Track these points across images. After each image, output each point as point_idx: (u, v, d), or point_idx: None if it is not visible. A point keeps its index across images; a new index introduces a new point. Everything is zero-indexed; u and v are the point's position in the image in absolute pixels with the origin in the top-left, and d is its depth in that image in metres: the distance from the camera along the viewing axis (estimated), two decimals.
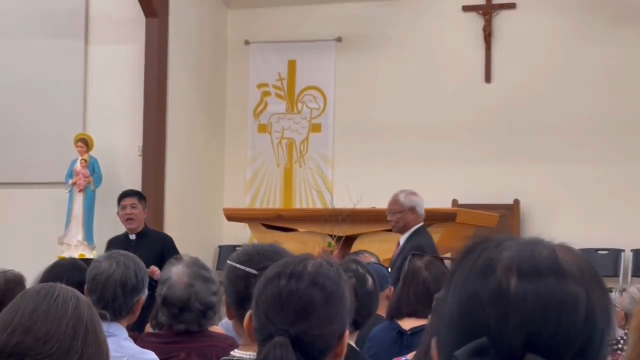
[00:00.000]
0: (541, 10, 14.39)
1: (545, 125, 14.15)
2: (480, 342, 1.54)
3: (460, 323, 1.60)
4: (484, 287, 1.59)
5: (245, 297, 3.47)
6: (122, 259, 5.02)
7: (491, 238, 1.68)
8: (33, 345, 2.67)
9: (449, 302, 1.65)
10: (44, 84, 14.99)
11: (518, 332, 1.55)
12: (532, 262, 1.59)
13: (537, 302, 1.56)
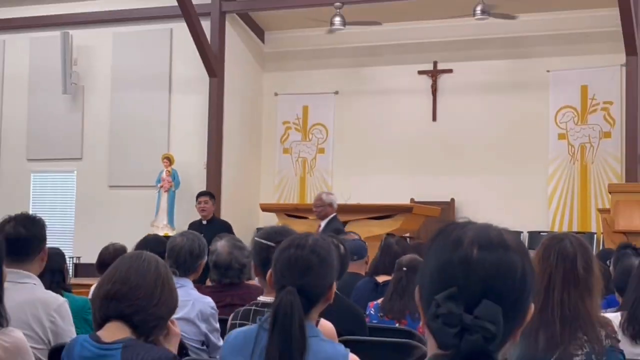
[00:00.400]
0: (468, 74, 14.35)
1: (471, 148, 14.10)
2: (452, 290, 1.55)
3: (438, 279, 1.59)
4: (455, 255, 1.59)
5: (266, 261, 3.45)
6: (191, 236, 4.96)
7: (456, 222, 1.69)
8: (128, 292, 2.79)
9: (429, 264, 1.64)
10: (146, 121, 15.03)
11: (478, 286, 1.55)
12: (487, 238, 1.60)
13: (491, 266, 1.57)
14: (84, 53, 15.57)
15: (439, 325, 1.53)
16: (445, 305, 1.53)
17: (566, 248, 3.32)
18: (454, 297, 1.54)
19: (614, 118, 13.36)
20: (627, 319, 4.00)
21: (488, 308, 1.53)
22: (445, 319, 1.53)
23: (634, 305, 3.99)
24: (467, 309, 1.53)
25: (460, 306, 1.53)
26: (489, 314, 1.52)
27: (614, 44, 12.86)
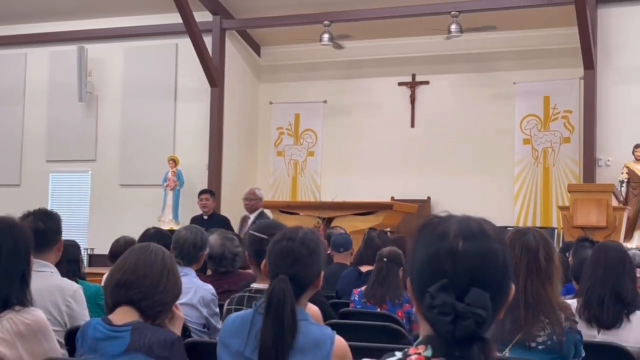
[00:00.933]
0: (443, 86, 14.37)
1: (445, 152, 14.14)
2: (443, 282, 1.53)
3: (429, 271, 1.57)
4: (442, 246, 1.57)
5: (259, 252, 3.45)
6: (194, 229, 4.94)
7: (439, 216, 1.66)
8: (136, 280, 2.80)
9: (418, 256, 1.61)
10: (153, 125, 15.02)
11: (465, 275, 1.54)
12: (470, 230, 1.58)
13: (476, 256, 1.56)
14: (98, 65, 15.57)
15: (435, 315, 1.52)
16: (438, 296, 1.52)
17: (529, 241, 3.33)
18: (446, 288, 1.53)
19: (573, 125, 13.40)
20: (582, 304, 4.02)
21: (477, 295, 1.52)
22: (440, 309, 1.51)
23: (587, 292, 4.02)
24: (458, 297, 1.52)
25: (451, 296, 1.52)
26: (479, 300, 1.51)
27: (573, 59, 12.90)
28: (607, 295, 3.95)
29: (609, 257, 4.04)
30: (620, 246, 4.35)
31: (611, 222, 9.99)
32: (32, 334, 2.96)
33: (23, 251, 3.05)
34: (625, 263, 4.06)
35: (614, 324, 3.95)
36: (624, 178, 12.16)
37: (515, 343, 3.24)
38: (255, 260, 3.54)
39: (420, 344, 1.58)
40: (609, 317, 3.94)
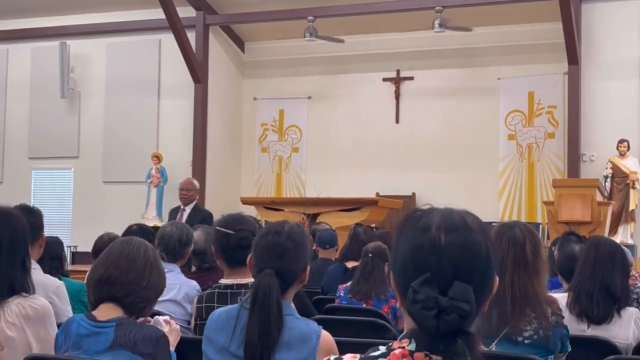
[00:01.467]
0: (428, 81, 14.40)
1: (430, 147, 14.13)
2: (426, 276, 1.51)
3: (412, 265, 1.55)
4: (425, 240, 1.55)
5: (226, 247, 3.46)
6: (179, 226, 4.91)
7: (421, 209, 1.65)
8: (119, 275, 2.76)
9: (401, 250, 1.60)
10: (136, 122, 14.98)
11: (448, 269, 1.52)
12: (452, 222, 1.57)
13: (458, 249, 1.54)
14: (80, 61, 15.50)
15: (418, 310, 1.50)
16: (421, 290, 1.50)
17: (516, 234, 3.33)
18: (429, 282, 1.51)
19: (557, 121, 13.44)
20: (572, 299, 4.01)
21: (460, 289, 1.50)
22: (423, 303, 1.50)
23: (577, 287, 4.00)
24: (441, 291, 1.50)
25: (435, 290, 1.50)
26: (462, 294, 1.50)
27: (557, 54, 12.95)
28: (596, 290, 3.94)
29: (599, 252, 4.02)
30: (611, 241, 4.31)
31: (596, 217, 10.01)
32: (39, 318, 3.01)
33: (21, 238, 3.11)
34: (615, 258, 4.03)
35: (604, 319, 3.93)
36: (609, 173, 12.23)
37: (502, 337, 3.25)
38: (222, 255, 3.50)
39: (404, 338, 1.57)
40: (599, 313, 3.93)
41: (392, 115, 14.64)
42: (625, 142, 12.24)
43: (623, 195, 12.19)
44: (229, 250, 3.43)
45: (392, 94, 14.66)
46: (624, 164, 12.27)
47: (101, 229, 7.00)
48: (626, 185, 12.23)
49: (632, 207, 12.20)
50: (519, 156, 13.67)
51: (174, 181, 13.99)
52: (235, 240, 3.41)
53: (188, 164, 14.50)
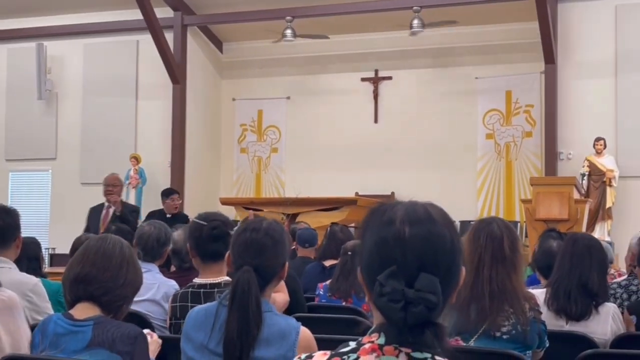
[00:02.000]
0: (406, 81, 14.43)
1: (408, 147, 14.16)
2: (392, 269, 1.51)
3: (377, 258, 1.55)
4: (389, 233, 1.55)
5: (199, 240, 3.46)
6: (157, 225, 4.89)
7: (385, 203, 1.65)
8: (96, 273, 2.74)
9: (367, 245, 1.60)
10: (114, 123, 14.90)
11: (414, 261, 1.52)
12: (416, 215, 1.57)
13: (423, 241, 1.54)
14: (57, 62, 15.41)
15: (385, 303, 1.50)
16: (388, 283, 1.50)
17: (494, 230, 3.34)
18: (395, 275, 1.51)
19: (534, 119, 13.52)
20: (551, 295, 4.01)
21: (427, 280, 1.50)
22: (390, 296, 1.49)
23: (555, 283, 4.01)
24: (407, 283, 1.50)
25: (401, 282, 1.50)
26: (428, 285, 1.50)
27: (534, 54, 13.03)
28: (573, 287, 3.94)
29: (576, 248, 4.03)
30: (589, 237, 4.29)
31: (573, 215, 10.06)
32: (7, 309, 3.00)
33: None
34: (592, 254, 4.02)
35: (582, 316, 3.93)
36: (585, 171, 12.30)
37: (481, 333, 3.26)
38: (196, 251, 3.50)
39: (374, 332, 1.57)
40: (577, 309, 3.93)
41: (370, 115, 14.67)
42: (601, 140, 12.33)
43: (600, 193, 12.28)
44: (201, 243, 3.42)
45: (370, 93, 14.70)
46: (601, 162, 12.36)
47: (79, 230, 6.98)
48: (603, 183, 12.31)
49: (608, 205, 12.29)
50: (497, 155, 13.74)
51: (153, 182, 13.98)
52: (208, 231, 3.41)
53: (167, 165, 14.46)
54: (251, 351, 2.51)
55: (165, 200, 10.92)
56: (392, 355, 1.53)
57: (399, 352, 1.53)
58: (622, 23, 12.68)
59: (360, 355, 1.54)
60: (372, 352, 1.54)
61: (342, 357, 1.56)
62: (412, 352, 1.53)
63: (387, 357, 1.53)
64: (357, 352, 1.56)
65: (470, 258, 3.30)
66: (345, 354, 1.56)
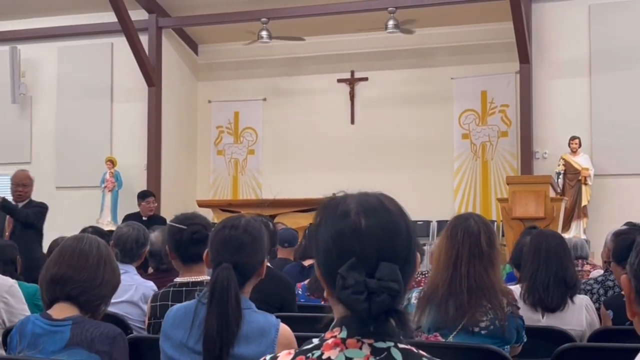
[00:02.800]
0: (382, 82, 14.46)
1: (385, 147, 14.19)
2: (352, 261, 1.52)
3: (336, 252, 1.55)
4: (346, 225, 1.56)
5: (179, 243, 3.44)
6: (136, 226, 4.89)
7: (336, 197, 1.67)
8: (72, 273, 2.73)
9: (322, 239, 1.59)
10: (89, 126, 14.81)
11: (373, 251, 1.53)
12: (370, 205, 1.59)
13: (379, 230, 1.55)
14: (31, 66, 15.30)
15: (349, 295, 1.50)
16: (349, 275, 1.50)
17: (471, 226, 3.37)
18: (355, 266, 1.51)
19: (510, 119, 13.60)
20: (526, 289, 4.07)
21: (387, 269, 1.51)
22: (353, 288, 1.49)
23: (531, 277, 4.07)
24: (368, 274, 1.51)
25: (362, 273, 1.50)
26: (390, 274, 1.51)
27: (509, 54, 13.10)
28: (551, 279, 4.01)
29: (550, 243, 4.11)
30: (558, 233, 4.46)
31: (549, 213, 10.15)
32: None
33: None
34: (565, 249, 4.16)
35: (559, 306, 4.02)
36: (561, 170, 12.40)
37: (460, 328, 3.28)
38: (177, 253, 3.48)
39: (335, 327, 1.58)
40: (554, 300, 4.00)
41: (347, 116, 14.69)
42: (576, 139, 12.43)
43: (575, 192, 12.37)
44: (182, 246, 3.41)
45: (347, 94, 14.72)
46: (576, 161, 12.46)
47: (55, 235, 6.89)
48: (578, 182, 12.41)
49: (584, 203, 12.39)
50: (473, 155, 13.81)
51: (129, 185, 13.92)
52: (188, 235, 3.39)
53: (143, 168, 14.40)
54: (231, 348, 2.51)
55: (140, 203, 11.00)
56: (355, 347, 1.54)
57: (362, 344, 1.54)
58: (596, 22, 12.79)
59: (324, 350, 1.55)
60: (335, 347, 1.55)
61: (306, 355, 1.57)
62: (374, 342, 1.54)
63: (351, 349, 1.54)
64: (321, 348, 1.56)
65: (448, 254, 3.33)
66: (309, 351, 1.57)
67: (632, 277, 1.45)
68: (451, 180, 13.81)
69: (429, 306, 3.32)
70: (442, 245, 3.38)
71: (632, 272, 1.45)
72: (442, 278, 3.31)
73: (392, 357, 1.53)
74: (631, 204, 11.91)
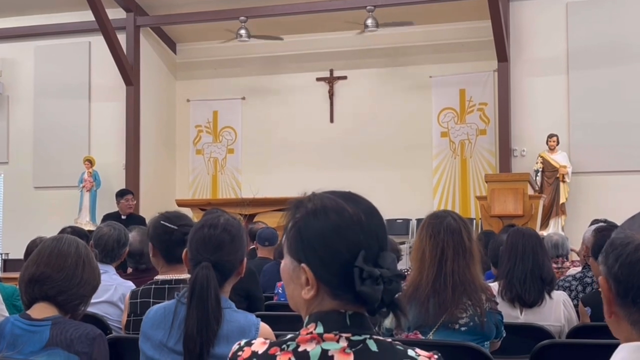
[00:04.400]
0: (361, 80, 14.50)
1: (364, 146, 14.22)
2: (362, 254, 1.53)
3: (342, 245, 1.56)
4: (349, 218, 1.58)
5: (168, 243, 3.42)
6: (117, 226, 4.89)
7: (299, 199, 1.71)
8: (51, 273, 2.72)
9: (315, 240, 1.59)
10: (67, 125, 14.74)
11: (376, 240, 1.57)
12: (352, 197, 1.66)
13: (375, 219, 1.60)
14: (8, 65, 15.20)
15: (371, 287, 1.52)
16: (366, 268, 1.53)
17: (451, 223, 3.39)
18: (367, 258, 1.54)
19: (488, 117, 13.67)
20: (504, 286, 4.12)
21: (390, 257, 1.56)
22: (373, 280, 1.52)
23: (509, 274, 4.12)
24: (375, 264, 1.55)
25: (370, 264, 1.54)
26: (392, 262, 1.55)
27: (487, 52, 13.17)
28: (528, 275, 4.07)
29: (527, 239, 4.17)
30: (533, 230, 4.50)
31: (527, 211, 10.23)
32: None
33: None
34: (541, 245, 4.22)
35: (536, 302, 4.07)
36: (539, 167, 12.48)
37: (440, 325, 3.29)
38: (161, 251, 3.46)
39: (309, 324, 1.60)
40: (532, 296, 4.05)
41: (326, 115, 14.71)
42: (554, 137, 12.51)
43: (553, 189, 12.45)
44: (170, 246, 3.39)
45: (326, 93, 14.73)
46: (554, 158, 12.54)
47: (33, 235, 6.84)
48: (556, 179, 12.49)
49: (562, 201, 12.47)
50: (452, 153, 13.86)
51: (107, 185, 13.86)
52: (179, 236, 3.37)
53: (121, 167, 14.34)
54: (211, 348, 2.50)
55: (119, 201, 11.00)
56: (332, 340, 1.56)
57: (339, 337, 1.56)
58: (573, 20, 12.88)
59: (300, 342, 1.57)
60: (311, 340, 1.57)
61: (281, 346, 1.59)
62: (352, 336, 1.56)
63: (328, 342, 1.56)
64: (296, 340, 1.59)
65: (432, 253, 3.34)
66: (284, 343, 1.60)
67: (612, 281, 1.45)
68: (430, 179, 13.85)
69: (409, 305, 3.33)
70: (425, 245, 3.39)
71: (611, 276, 1.45)
72: (426, 277, 3.32)
73: (367, 347, 1.55)
74: (609, 202, 12.01)
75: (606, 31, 12.65)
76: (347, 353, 1.55)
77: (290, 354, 1.57)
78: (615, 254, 1.45)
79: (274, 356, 1.58)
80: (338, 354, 1.55)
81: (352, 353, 1.55)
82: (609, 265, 1.46)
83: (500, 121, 13.08)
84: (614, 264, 1.44)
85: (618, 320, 1.47)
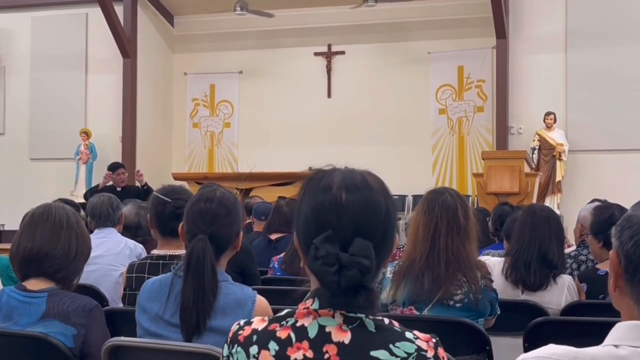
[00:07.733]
0: (359, 56, 14.46)
1: (362, 121, 14.19)
2: (327, 233, 1.55)
3: (313, 223, 1.58)
4: (326, 199, 1.59)
5: (161, 215, 3.40)
6: (106, 195, 5.02)
7: (323, 170, 1.69)
8: (47, 251, 2.72)
9: (303, 210, 1.63)
10: (64, 99, 14.70)
11: (349, 226, 1.56)
12: (353, 182, 1.62)
13: (359, 206, 1.58)
14: (4, 36, 15.13)
15: (319, 266, 1.53)
16: (323, 247, 1.53)
17: (447, 200, 3.39)
18: (330, 239, 1.54)
19: (486, 94, 13.64)
20: (510, 266, 4.06)
21: (361, 245, 1.54)
22: (324, 259, 1.53)
23: (515, 255, 4.06)
24: (342, 248, 1.54)
25: (336, 246, 1.53)
26: (362, 250, 1.53)
27: (485, 29, 13.12)
28: (533, 258, 4.00)
29: (535, 219, 4.07)
30: (548, 208, 4.36)
31: (524, 188, 10.22)
32: None
33: None
34: (551, 225, 4.09)
35: (540, 286, 4.00)
36: (536, 145, 12.49)
37: (435, 302, 3.31)
38: (157, 223, 3.46)
39: (308, 299, 1.62)
40: (536, 280, 3.99)
41: (324, 90, 14.67)
42: (551, 114, 12.51)
43: (550, 167, 12.47)
44: (162, 218, 3.38)
45: (323, 68, 14.69)
46: (551, 136, 12.54)
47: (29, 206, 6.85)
48: (553, 157, 12.51)
49: (558, 179, 12.49)
50: (450, 130, 13.85)
51: (104, 157, 13.84)
52: (171, 209, 3.36)
53: (118, 140, 14.32)
54: (208, 320, 2.51)
55: (111, 175, 10.96)
56: (327, 316, 1.58)
57: (334, 313, 1.58)
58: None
59: (298, 318, 1.60)
60: (307, 315, 1.59)
61: (280, 322, 1.61)
62: (346, 313, 1.57)
63: (324, 317, 1.58)
64: (294, 316, 1.61)
65: (427, 228, 3.35)
66: (283, 319, 1.62)
67: (622, 257, 1.48)
68: (429, 156, 13.84)
69: (404, 280, 3.34)
70: (420, 220, 3.40)
71: (623, 252, 1.48)
72: (420, 251, 3.33)
73: (364, 324, 1.57)
74: (605, 180, 12.04)
75: (605, 10, 12.61)
76: (344, 330, 1.56)
77: (290, 329, 1.59)
78: (631, 231, 1.47)
79: (274, 332, 1.60)
80: (335, 330, 1.57)
81: (349, 331, 1.56)
82: (623, 241, 1.49)
83: (498, 98, 13.07)
84: (628, 241, 1.47)
85: (622, 294, 1.50)
